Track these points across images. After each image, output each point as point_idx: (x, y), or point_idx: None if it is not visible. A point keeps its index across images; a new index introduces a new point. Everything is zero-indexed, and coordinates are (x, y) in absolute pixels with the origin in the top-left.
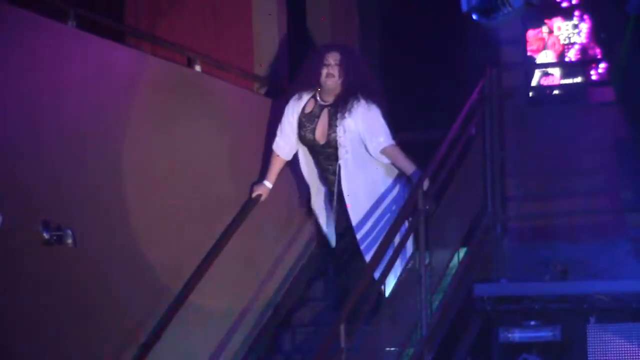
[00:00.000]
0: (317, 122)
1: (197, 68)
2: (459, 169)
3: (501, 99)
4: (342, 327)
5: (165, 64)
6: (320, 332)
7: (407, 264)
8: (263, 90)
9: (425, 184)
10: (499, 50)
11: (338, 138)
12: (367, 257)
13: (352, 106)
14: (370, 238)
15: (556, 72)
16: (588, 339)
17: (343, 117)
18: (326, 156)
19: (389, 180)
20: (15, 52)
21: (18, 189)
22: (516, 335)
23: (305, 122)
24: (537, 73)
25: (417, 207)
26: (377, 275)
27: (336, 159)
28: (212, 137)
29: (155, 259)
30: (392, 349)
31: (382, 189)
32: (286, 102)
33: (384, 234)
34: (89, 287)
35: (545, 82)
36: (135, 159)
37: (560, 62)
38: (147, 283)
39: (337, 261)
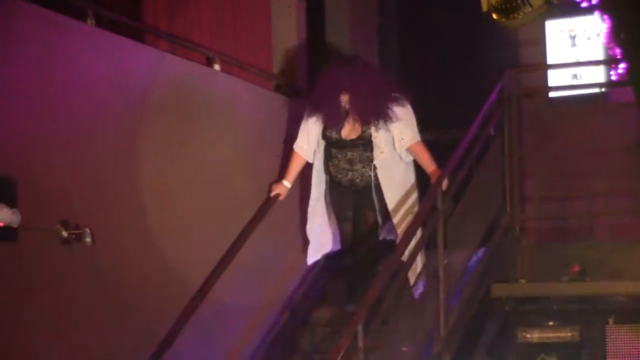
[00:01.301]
0: (344, 122)
1: (216, 67)
2: (478, 169)
3: (520, 99)
4: (359, 327)
5: (184, 62)
6: (338, 331)
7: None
8: (282, 90)
9: (445, 183)
10: (518, 51)
11: (373, 139)
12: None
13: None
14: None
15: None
16: (607, 339)
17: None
18: (355, 151)
19: (412, 179)
20: (34, 50)
21: (36, 188)
22: (534, 335)
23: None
24: (564, 74)
25: (436, 206)
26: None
27: (366, 150)
28: (230, 136)
29: (173, 257)
30: (409, 349)
31: (408, 187)
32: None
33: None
34: (107, 285)
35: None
36: (154, 158)
37: (579, 62)
38: (166, 280)
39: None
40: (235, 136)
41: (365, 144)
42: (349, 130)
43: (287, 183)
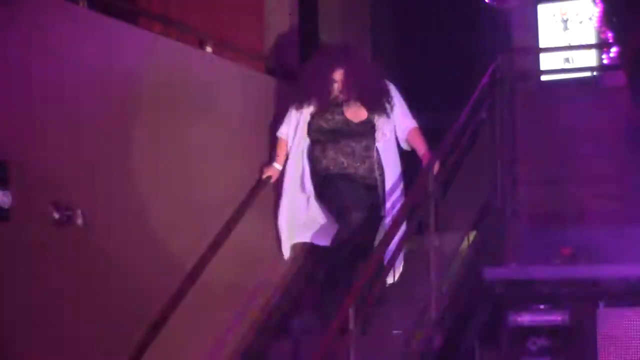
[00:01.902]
0: (343, 108)
1: (208, 49)
2: (470, 152)
3: (512, 83)
4: (350, 310)
5: (177, 45)
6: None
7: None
8: (273, 72)
9: (436, 167)
10: (511, 34)
11: (376, 121)
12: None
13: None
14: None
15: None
16: (597, 323)
17: (378, 108)
18: (359, 132)
19: (400, 165)
20: (25, 32)
21: (28, 169)
22: (525, 319)
23: (330, 107)
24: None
25: (427, 189)
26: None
27: (367, 138)
28: (222, 119)
29: (166, 238)
30: (401, 332)
31: (398, 173)
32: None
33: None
34: (99, 266)
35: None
36: (146, 139)
37: (571, 46)
38: (158, 263)
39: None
40: (228, 118)
41: (368, 130)
42: (353, 113)
43: (277, 165)
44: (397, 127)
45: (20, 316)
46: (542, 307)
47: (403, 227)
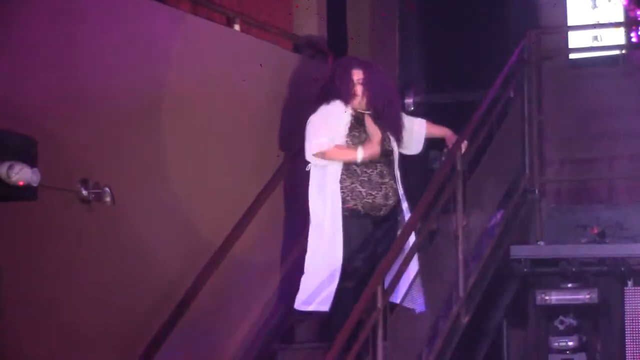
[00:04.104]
0: (365, 125)
1: (236, 27)
2: (498, 131)
3: (540, 61)
4: (379, 288)
5: (205, 23)
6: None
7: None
8: (301, 50)
9: (463, 146)
10: (539, 12)
11: (392, 144)
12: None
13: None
14: None
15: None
16: (625, 301)
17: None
18: (380, 165)
19: None
20: (55, 12)
21: (56, 147)
22: (553, 297)
23: (355, 124)
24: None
25: (456, 167)
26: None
27: (385, 155)
28: (249, 97)
29: (192, 216)
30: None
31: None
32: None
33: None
34: (126, 244)
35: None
36: (173, 118)
37: (599, 24)
38: (185, 241)
39: None
40: (255, 96)
41: (385, 150)
42: (373, 132)
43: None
44: (409, 132)
45: (48, 292)
46: (569, 285)
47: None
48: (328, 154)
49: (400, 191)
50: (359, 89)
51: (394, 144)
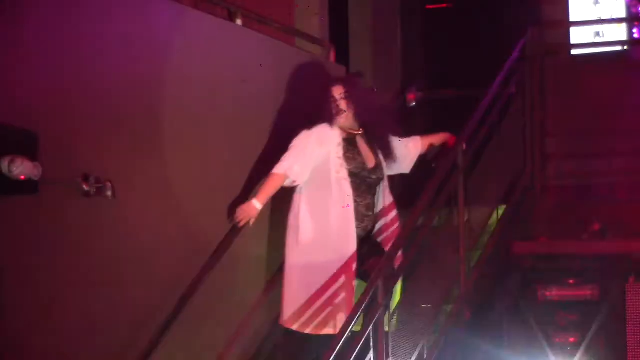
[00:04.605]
0: (358, 147)
1: (238, 22)
2: (499, 127)
3: (542, 57)
4: (380, 283)
5: (206, 17)
6: None
7: None
8: (303, 45)
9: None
10: (541, 8)
11: (382, 162)
12: None
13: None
14: None
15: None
16: (627, 297)
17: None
18: (368, 183)
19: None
20: (56, 5)
21: (58, 141)
22: (554, 293)
23: (348, 146)
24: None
25: (457, 163)
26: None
27: (376, 186)
28: (251, 92)
29: (193, 211)
30: (429, 305)
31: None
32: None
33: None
34: (128, 239)
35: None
36: (174, 113)
37: (602, 19)
38: (186, 236)
39: None
40: (256, 91)
41: (378, 180)
42: (367, 156)
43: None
44: (405, 154)
45: (48, 286)
46: (571, 281)
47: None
48: (270, 179)
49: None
50: (343, 104)
51: (384, 171)
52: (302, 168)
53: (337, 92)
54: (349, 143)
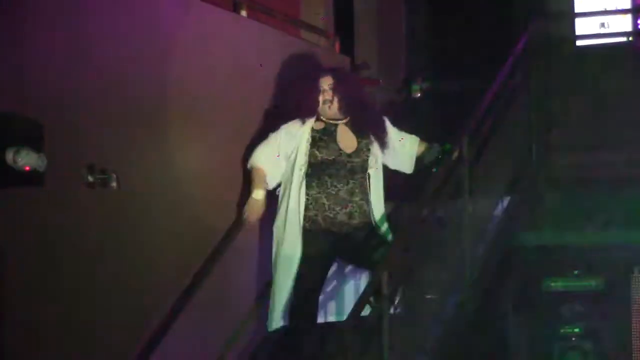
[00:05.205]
0: (336, 134)
1: (243, 13)
2: (504, 118)
3: (547, 47)
4: (384, 275)
5: (211, 8)
6: None
7: None
8: (308, 37)
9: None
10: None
11: (370, 146)
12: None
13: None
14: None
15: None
16: (631, 288)
17: (367, 131)
18: (349, 168)
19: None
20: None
21: (63, 132)
22: (559, 284)
23: (322, 136)
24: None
25: (462, 154)
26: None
27: (361, 170)
28: (255, 83)
29: (199, 202)
30: (434, 297)
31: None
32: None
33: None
34: (133, 230)
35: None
36: (179, 104)
37: (606, 10)
38: (190, 228)
39: None
40: (261, 83)
41: (362, 162)
42: (346, 143)
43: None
44: (400, 146)
45: (52, 278)
46: (576, 272)
47: None
48: (253, 171)
49: (375, 215)
50: (328, 95)
51: (373, 158)
52: (266, 158)
53: (326, 82)
54: (324, 133)
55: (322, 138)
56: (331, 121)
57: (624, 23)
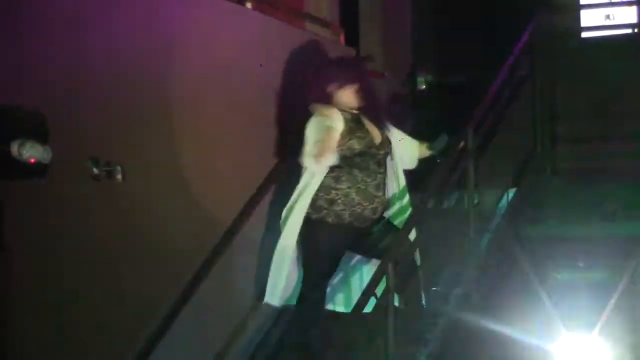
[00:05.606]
0: (364, 124)
1: (248, 5)
2: (510, 110)
3: (552, 40)
4: (390, 266)
5: (216, 1)
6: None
7: None
8: (313, 29)
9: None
10: None
11: (391, 137)
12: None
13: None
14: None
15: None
16: (638, 280)
17: (384, 122)
18: (377, 161)
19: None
20: None
21: (68, 124)
22: (565, 276)
23: (355, 125)
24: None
25: (467, 146)
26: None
27: (384, 163)
28: (261, 76)
29: (204, 196)
30: (439, 289)
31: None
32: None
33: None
34: (137, 223)
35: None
36: (184, 97)
37: (612, 2)
38: (195, 220)
39: None
40: (267, 76)
41: (385, 155)
42: (374, 131)
43: None
44: (412, 148)
45: (56, 271)
46: (581, 264)
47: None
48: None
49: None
50: (350, 87)
51: (392, 146)
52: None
53: (357, 70)
54: (355, 123)
55: (356, 128)
56: (351, 110)
57: (630, 15)
